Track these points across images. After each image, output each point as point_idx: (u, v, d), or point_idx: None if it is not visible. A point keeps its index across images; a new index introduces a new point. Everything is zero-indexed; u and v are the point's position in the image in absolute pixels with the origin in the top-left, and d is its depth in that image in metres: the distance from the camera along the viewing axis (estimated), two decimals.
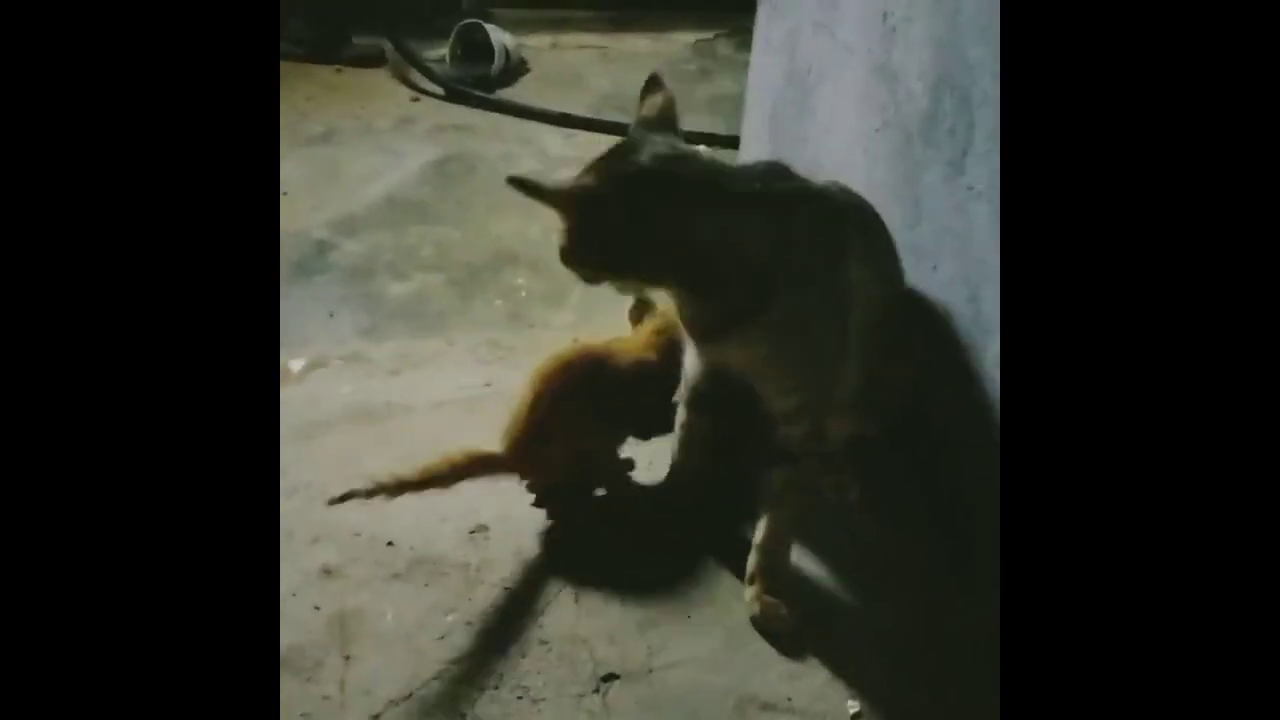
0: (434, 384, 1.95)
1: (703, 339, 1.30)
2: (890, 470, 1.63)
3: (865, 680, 1.32)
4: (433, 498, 1.57)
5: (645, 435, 1.63)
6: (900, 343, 1.44)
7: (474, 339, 2.14)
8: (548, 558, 1.47)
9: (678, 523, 1.53)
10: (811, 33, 1.91)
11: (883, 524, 1.56)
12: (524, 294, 2.32)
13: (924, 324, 1.48)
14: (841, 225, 1.33)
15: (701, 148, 3.00)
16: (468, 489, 1.59)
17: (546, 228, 1.29)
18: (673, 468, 1.56)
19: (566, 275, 1.29)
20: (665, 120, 1.30)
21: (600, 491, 1.58)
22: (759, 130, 2.26)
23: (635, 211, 1.19)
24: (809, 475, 1.41)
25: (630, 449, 1.61)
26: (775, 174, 1.30)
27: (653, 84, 1.33)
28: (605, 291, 1.33)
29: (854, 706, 1.28)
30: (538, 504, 1.52)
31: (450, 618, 1.37)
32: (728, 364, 1.33)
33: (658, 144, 1.23)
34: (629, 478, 1.60)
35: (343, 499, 1.30)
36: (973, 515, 1.46)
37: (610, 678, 1.30)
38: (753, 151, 2.36)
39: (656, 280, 1.29)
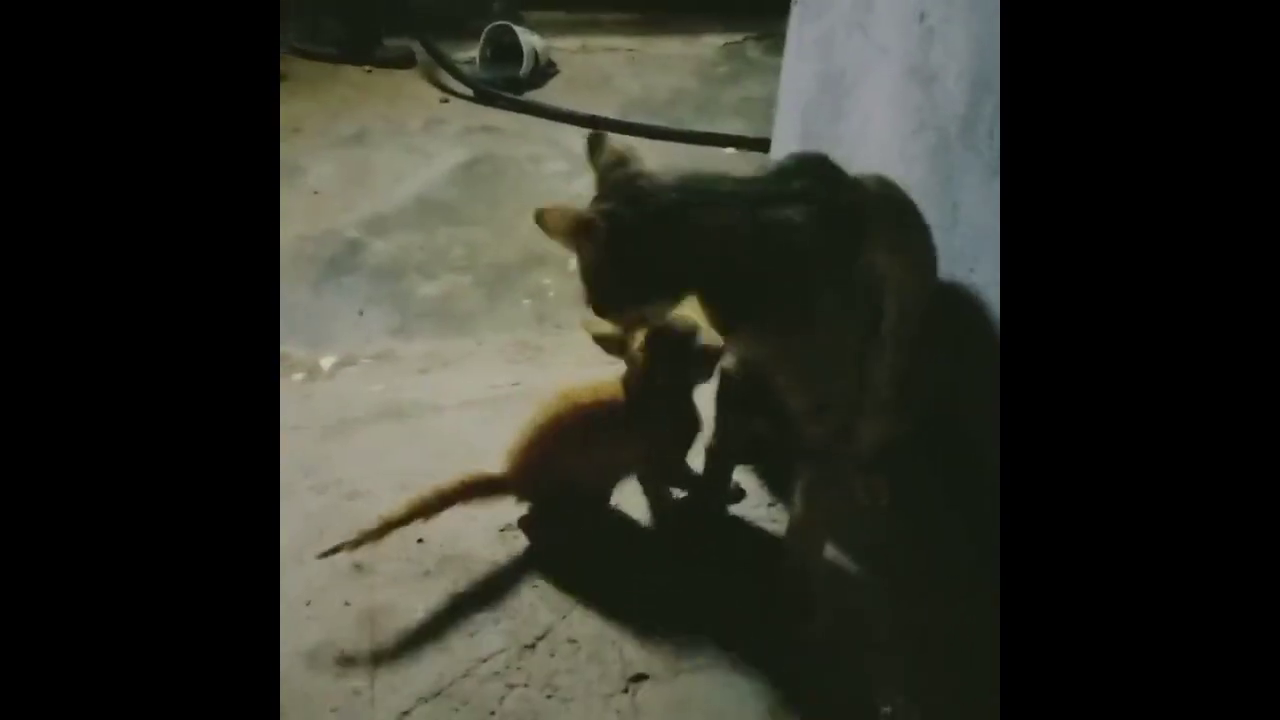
0: (462, 383, 1.95)
1: (725, 334, 1.29)
2: (918, 470, 1.61)
3: (897, 684, 1.31)
4: None
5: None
6: (934, 342, 1.43)
7: (502, 339, 2.15)
8: (578, 557, 1.47)
9: (710, 523, 1.52)
10: (846, 35, 1.90)
11: (913, 525, 1.55)
12: (552, 294, 2.32)
13: (959, 325, 1.47)
14: (864, 217, 1.30)
15: (729, 150, 3.00)
16: None
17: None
18: (706, 467, 1.55)
19: None
20: (628, 161, 1.25)
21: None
22: (791, 133, 2.25)
23: (665, 233, 1.18)
24: (838, 475, 1.40)
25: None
26: (798, 170, 1.29)
27: (596, 143, 1.28)
28: None
29: (887, 710, 1.27)
30: (525, 525, 1.52)
31: (480, 615, 1.37)
32: (751, 360, 1.32)
33: (652, 174, 1.23)
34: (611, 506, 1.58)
35: (331, 553, 1.33)
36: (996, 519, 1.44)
37: (639, 678, 1.30)
38: (782, 153, 2.35)
39: (683, 298, 1.27)
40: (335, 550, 1.33)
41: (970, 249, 1.47)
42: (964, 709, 1.28)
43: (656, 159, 2.99)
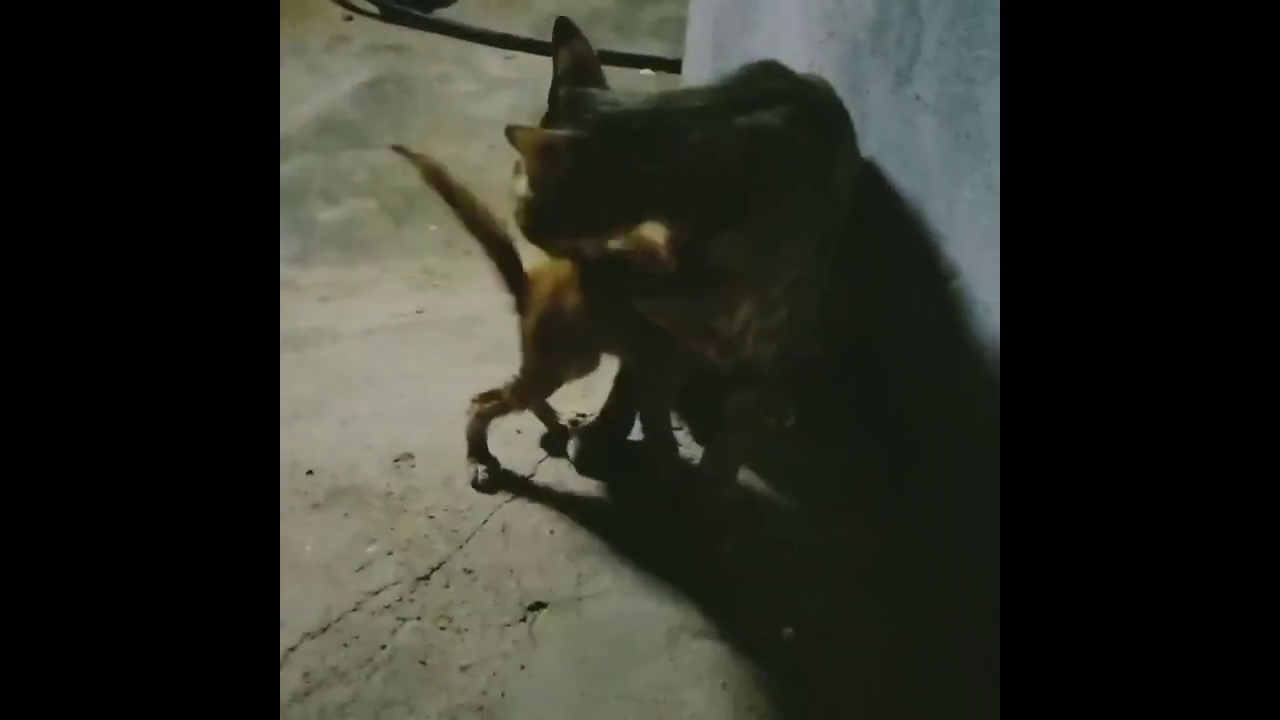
0: (364, 311, 1.87)
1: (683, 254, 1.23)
2: (830, 395, 1.58)
3: (801, 607, 1.29)
4: (358, 426, 1.51)
5: None
6: (853, 256, 1.39)
7: (407, 266, 2.07)
8: (477, 487, 1.41)
9: (611, 452, 1.48)
10: None
11: (824, 450, 1.53)
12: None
13: (869, 238, 1.43)
14: (827, 120, 1.27)
15: (646, 72, 2.91)
16: (394, 416, 1.53)
17: (489, 150, 1.21)
18: (608, 403, 1.50)
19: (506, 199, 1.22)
20: (587, 73, 1.20)
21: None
22: (703, 49, 2.17)
23: (644, 157, 1.12)
24: (775, 398, 1.35)
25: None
26: (761, 74, 1.24)
27: (564, 31, 1.21)
28: None
29: (789, 632, 1.25)
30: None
31: (371, 548, 1.31)
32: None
33: (608, 94, 1.16)
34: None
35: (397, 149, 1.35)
36: (914, 445, 1.43)
37: (538, 606, 1.26)
38: (695, 72, 2.27)
39: (641, 221, 1.21)
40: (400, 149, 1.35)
41: (878, 160, 1.42)
42: (867, 631, 1.27)
43: None
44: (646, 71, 2.91)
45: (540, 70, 2.90)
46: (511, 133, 1.10)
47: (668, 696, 1.17)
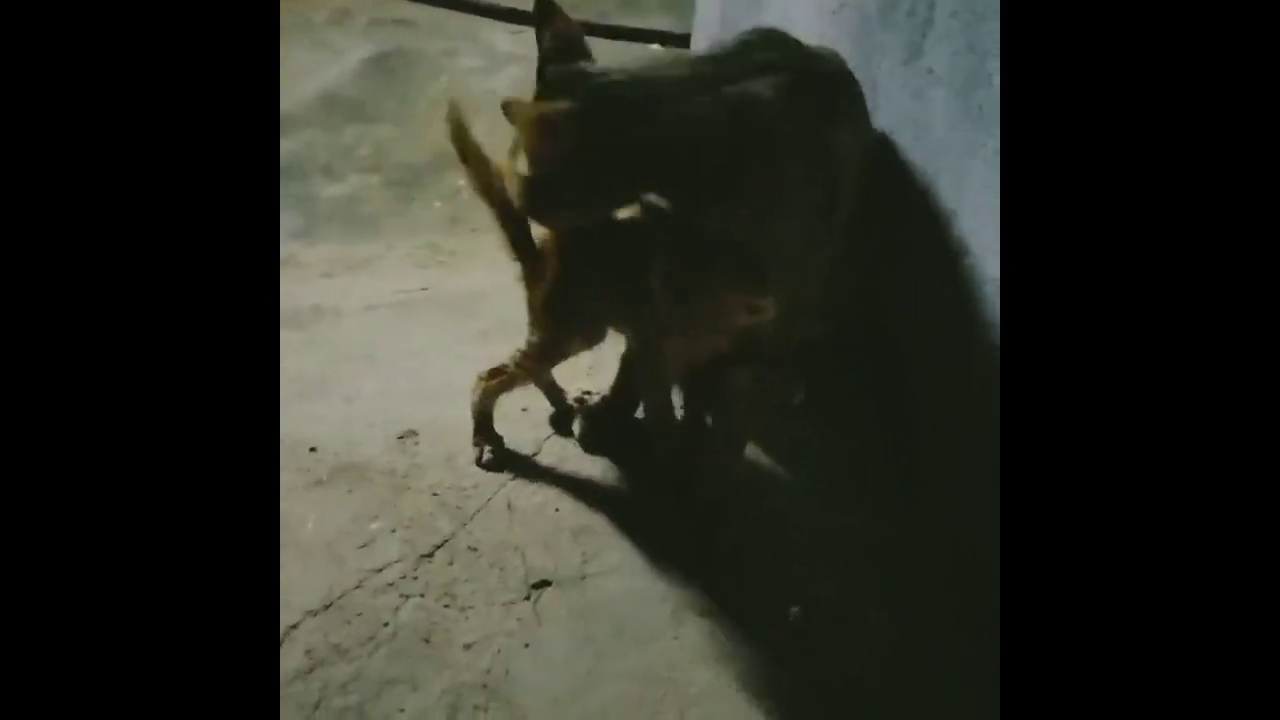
0: (367, 288, 1.86)
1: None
2: (839, 375, 1.57)
3: (806, 585, 1.28)
4: (362, 403, 1.50)
5: None
6: (865, 234, 1.37)
7: (412, 242, 2.05)
8: (485, 465, 1.40)
9: (618, 430, 1.47)
10: None
11: (833, 430, 1.51)
12: (466, 196, 2.19)
13: (881, 216, 1.41)
14: (833, 89, 1.26)
15: (655, 47, 2.87)
16: (398, 393, 1.52)
17: (493, 126, 1.19)
18: (616, 382, 1.49)
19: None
20: (573, 50, 1.18)
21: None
22: (712, 23, 2.14)
23: (636, 131, 1.11)
24: (778, 376, 1.34)
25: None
26: (761, 44, 1.23)
27: (546, 11, 1.19)
28: None
29: (795, 610, 1.24)
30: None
31: (375, 525, 1.30)
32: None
33: (596, 66, 1.15)
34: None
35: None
36: (926, 429, 1.41)
37: (542, 584, 1.25)
38: (703, 47, 2.24)
39: (638, 194, 1.20)
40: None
41: (890, 133, 1.40)
42: (873, 612, 1.26)
43: None
44: (655, 46, 2.87)
45: None
46: (507, 107, 1.08)
47: (671, 675, 1.16)
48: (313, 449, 1.40)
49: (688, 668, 1.17)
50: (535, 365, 1.39)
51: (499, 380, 1.39)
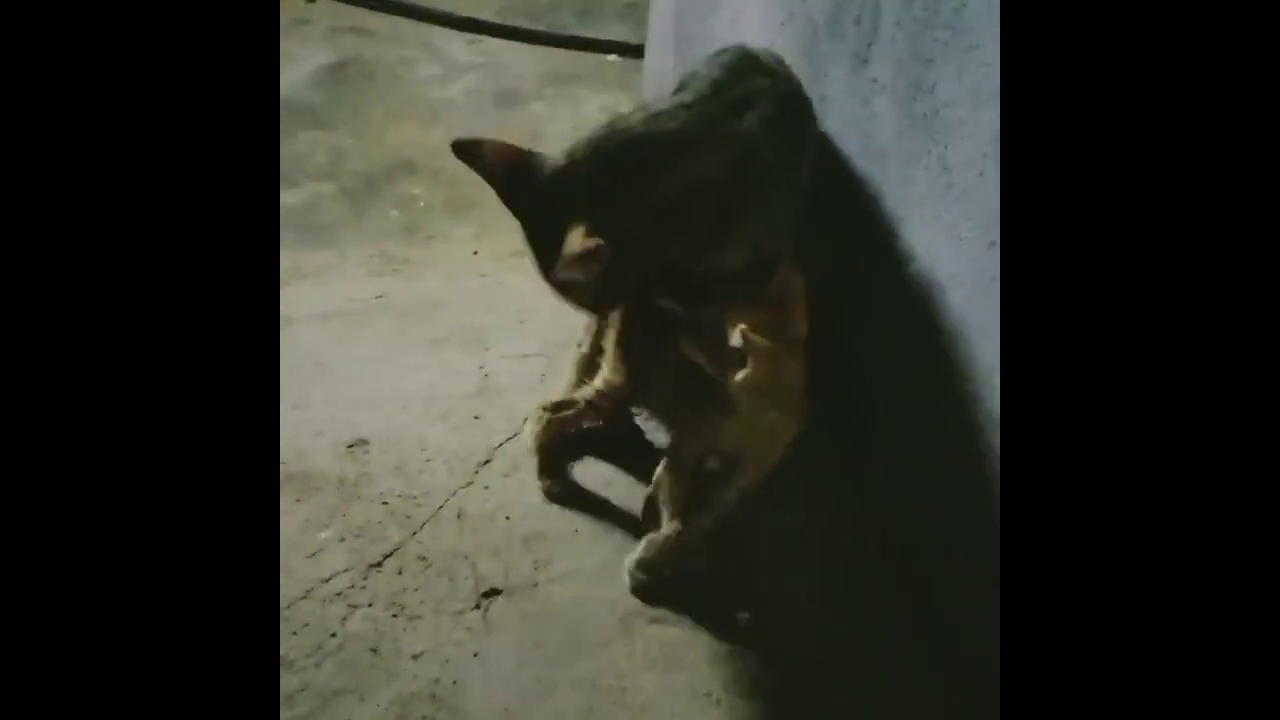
0: (320, 296, 1.84)
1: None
2: None
3: (757, 590, 1.28)
4: (311, 411, 1.49)
5: None
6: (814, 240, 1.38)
7: (366, 251, 2.03)
8: (431, 473, 1.39)
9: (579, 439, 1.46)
10: None
11: None
12: (422, 204, 2.20)
13: (831, 222, 1.42)
14: (796, 114, 1.29)
15: (612, 57, 2.88)
16: (348, 401, 1.51)
17: (449, 135, 1.15)
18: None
19: (469, 183, 1.18)
20: (520, 165, 1.12)
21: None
22: (665, 33, 2.15)
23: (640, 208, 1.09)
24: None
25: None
26: (725, 76, 1.24)
27: (467, 153, 1.11)
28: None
29: (745, 616, 1.25)
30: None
31: (323, 535, 1.29)
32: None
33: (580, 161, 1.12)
34: None
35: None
36: (872, 430, 1.43)
37: (492, 593, 1.24)
38: (657, 56, 2.26)
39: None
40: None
41: (839, 140, 1.42)
42: (824, 616, 1.27)
43: (536, 65, 2.85)
44: (612, 57, 2.88)
45: (505, 55, 2.88)
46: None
47: (621, 682, 1.16)
48: None
49: (638, 675, 1.17)
50: (610, 404, 1.38)
51: (565, 415, 1.38)
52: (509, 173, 1.11)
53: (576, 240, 1.03)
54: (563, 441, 1.41)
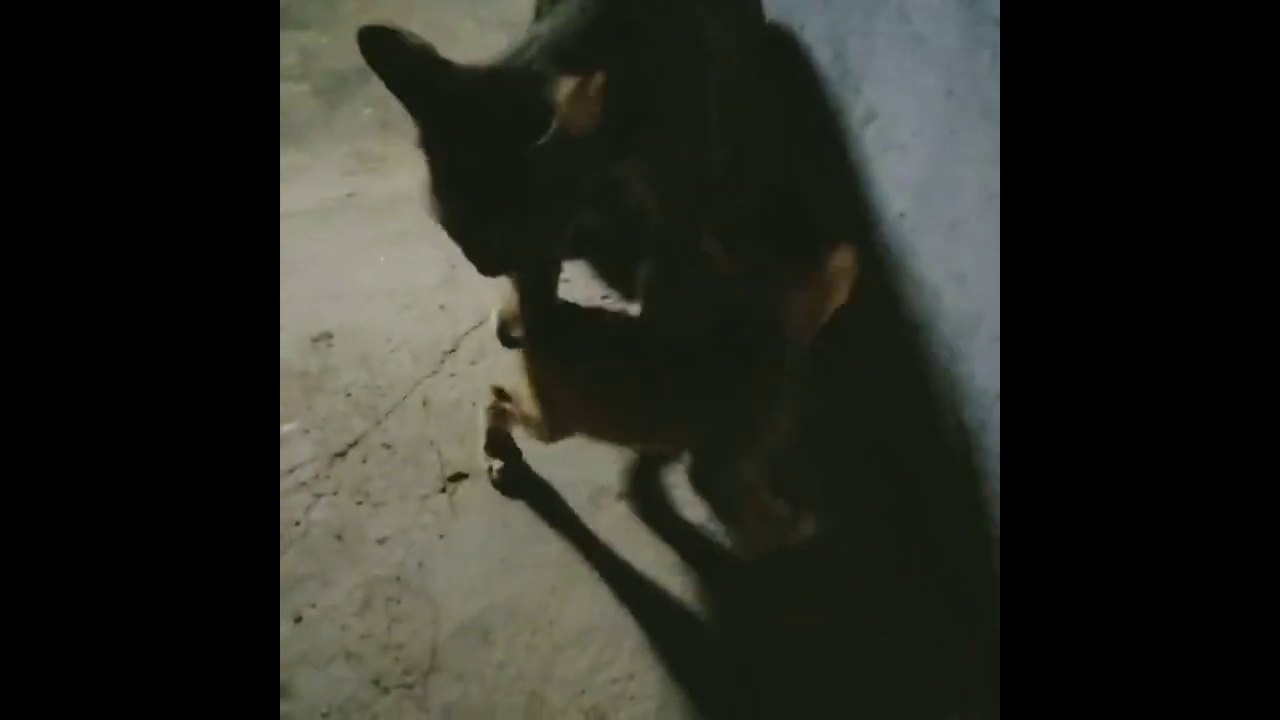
0: (290, 197, 1.80)
1: None
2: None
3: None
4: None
5: None
6: (766, 112, 1.32)
7: (339, 150, 1.98)
8: (396, 363, 1.38)
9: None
10: None
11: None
12: (396, 102, 2.14)
13: (790, 90, 1.36)
14: None
15: None
16: (311, 296, 1.49)
17: (426, 27, 1.08)
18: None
19: None
20: (426, 65, 1.06)
21: None
22: None
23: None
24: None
25: None
26: None
27: (374, 41, 1.06)
28: None
29: None
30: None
31: (287, 428, 1.28)
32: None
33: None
34: None
35: None
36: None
37: (458, 477, 1.24)
38: None
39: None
40: None
41: (797, 1, 1.35)
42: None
43: None
44: None
45: None
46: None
47: (587, 559, 1.16)
48: None
49: (603, 551, 1.17)
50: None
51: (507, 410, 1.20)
52: (415, 78, 1.03)
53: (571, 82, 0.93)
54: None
